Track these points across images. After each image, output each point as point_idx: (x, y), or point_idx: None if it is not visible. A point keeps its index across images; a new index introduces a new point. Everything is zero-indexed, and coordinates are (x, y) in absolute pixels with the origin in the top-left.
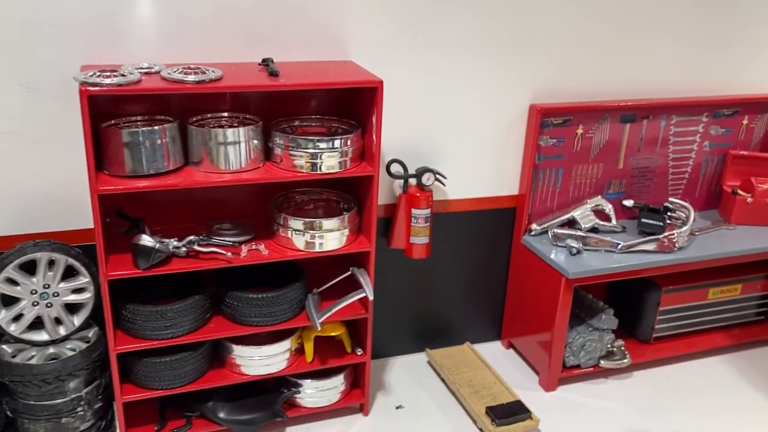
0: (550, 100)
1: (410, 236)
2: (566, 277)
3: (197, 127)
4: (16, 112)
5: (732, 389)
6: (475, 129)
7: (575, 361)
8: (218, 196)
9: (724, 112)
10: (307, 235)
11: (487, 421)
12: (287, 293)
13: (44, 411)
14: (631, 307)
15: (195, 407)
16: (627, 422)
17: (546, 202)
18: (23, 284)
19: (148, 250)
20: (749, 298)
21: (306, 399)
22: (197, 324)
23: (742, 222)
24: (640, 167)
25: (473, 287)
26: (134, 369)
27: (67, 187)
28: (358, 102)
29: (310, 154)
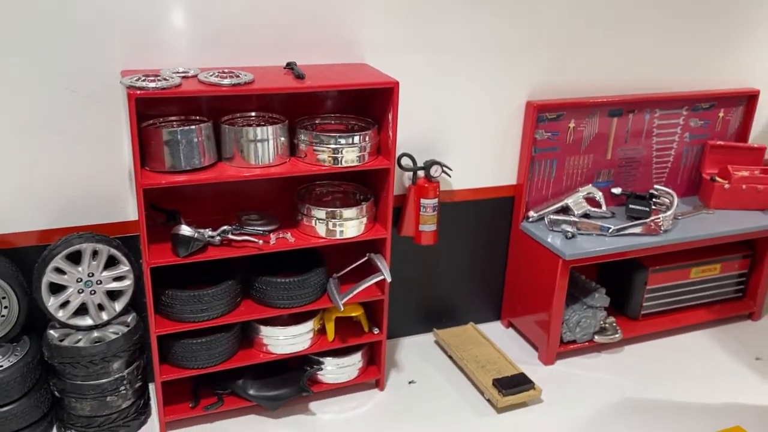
0: (545, 96)
1: (419, 224)
2: (563, 258)
3: (229, 126)
4: (61, 114)
5: (714, 360)
6: (477, 124)
7: (571, 337)
8: (246, 189)
9: (702, 106)
10: (329, 224)
11: (494, 392)
12: (310, 278)
13: (91, 390)
14: (621, 286)
15: (226, 385)
16: (620, 391)
17: (542, 191)
18: (70, 273)
19: (187, 239)
20: (728, 276)
21: (327, 375)
22: (230, 307)
23: (720, 207)
24: (627, 158)
25: (475, 271)
26: (171, 350)
27: (106, 184)
28: (373, 101)
29: (332, 149)
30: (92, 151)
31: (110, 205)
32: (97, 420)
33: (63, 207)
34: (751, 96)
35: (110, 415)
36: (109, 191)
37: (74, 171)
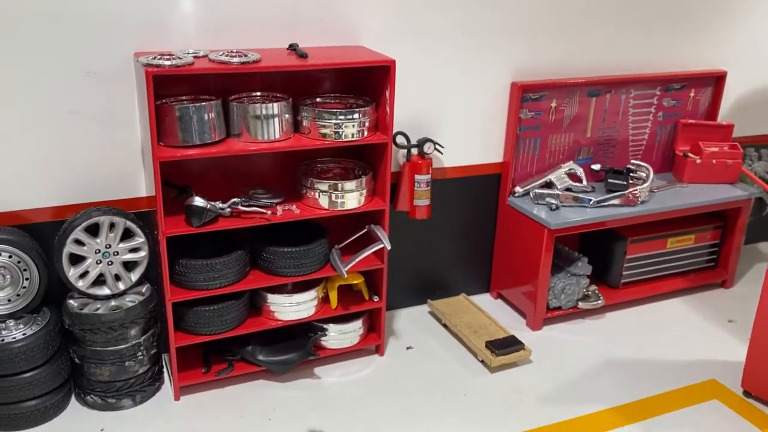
0: (528, 78)
1: (413, 199)
2: (548, 228)
3: (237, 104)
4: (79, 94)
5: (690, 323)
6: (465, 105)
7: (557, 303)
8: (251, 165)
9: (674, 86)
10: (332, 195)
11: (487, 353)
12: (315, 248)
13: (110, 356)
14: (602, 257)
15: (235, 352)
16: (603, 353)
17: (527, 168)
18: (89, 244)
19: (201, 210)
20: (701, 246)
21: (330, 341)
22: (240, 276)
23: (692, 181)
24: (605, 136)
25: (466, 245)
26: (185, 318)
27: (119, 162)
28: (370, 81)
29: (334, 125)
30: (106, 131)
31: (122, 182)
32: (116, 385)
33: (78, 184)
34: (719, 77)
35: (128, 380)
36: (121, 169)
37: (89, 149)
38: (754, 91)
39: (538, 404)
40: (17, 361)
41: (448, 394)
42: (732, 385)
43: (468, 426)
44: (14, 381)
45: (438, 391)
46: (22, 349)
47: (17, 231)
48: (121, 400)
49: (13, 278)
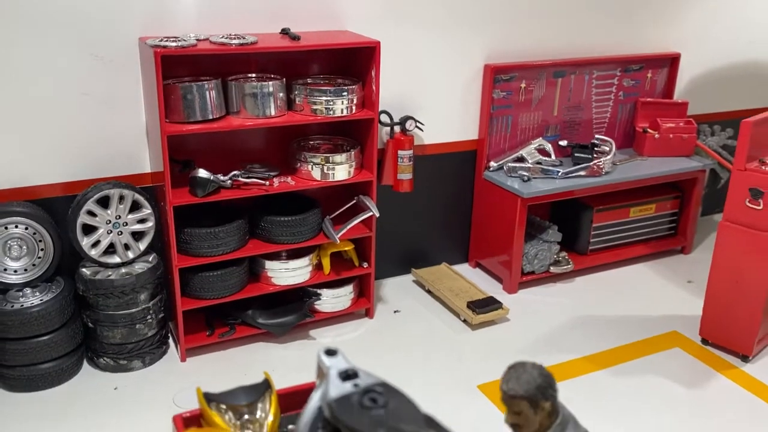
0: (500, 60)
1: (397, 174)
2: (521, 197)
3: (235, 83)
4: (88, 77)
5: (653, 285)
6: (443, 86)
7: (530, 268)
8: (247, 143)
9: (633, 68)
10: (324, 167)
11: (469, 312)
12: (308, 217)
13: (122, 319)
14: (571, 225)
15: (236, 316)
16: (574, 311)
17: (500, 144)
18: (100, 215)
19: (205, 181)
20: (662, 215)
21: (324, 305)
22: (240, 243)
23: (652, 154)
24: (571, 114)
25: (445, 217)
26: (190, 283)
27: (125, 140)
28: (356, 62)
29: (325, 101)
30: (113, 111)
31: (129, 160)
32: (127, 347)
33: (87, 161)
34: (674, 58)
35: (138, 342)
36: (127, 147)
37: (97, 129)
38: (705, 72)
39: (516, 355)
40: (35, 324)
41: (434, 349)
42: (691, 335)
43: (453, 373)
44: (32, 344)
45: (424, 347)
46: (39, 314)
47: (31, 205)
48: (132, 362)
49: (29, 249)
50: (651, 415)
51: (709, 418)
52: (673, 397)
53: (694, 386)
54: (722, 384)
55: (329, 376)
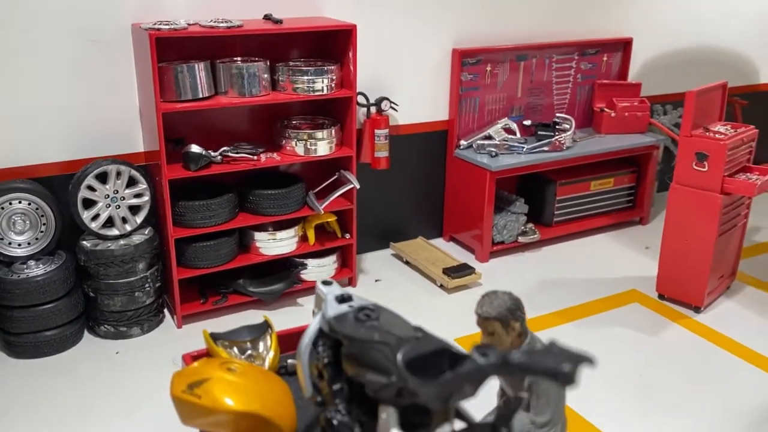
0: (467, 44)
1: (375, 152)
2: (490, 171)
3: (223, 64)
4: (85, 61)
5: (612, 251)
6: (414, 69)
7: (500, 238)
8: (234, 123)
9: (589, 51)
10: (307, 143)
11: (444, 277)
12: (293, 191)
13: (122, 287)
14: (537, 199)
15: (228, 285)
16: (541, 275)
17: (469, 124)
18: (99, 190)
19: (197, 156)
20: (620, 189)
21: (310, 274)
22: (231, 216)
23: (609, 132)
24: (533, 95)
25: (420, 194)
26: (185, 254)
27: (120, 120)
28: (333, 45)
29: (307, 80)
30: (108, 93)
31: (123, 139)
32: (127, 314)
33: (83, 142)
34: (627, 43)
35: (137, 309)
36: (121, 127)
37: (93, 110)
38: (656, 56)
39: None
40: (39, 293)
41: (414, 311)
42: (649, 292)
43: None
44: (37, 311)
45: (405, 310)
46: (43, 282)
47: (33, 182)
48: (131, 329)
49: (31, 223)
50: (614, 360)
51: (667, 361)
52: (634, 344)
53: (653, 334)
54: (677, 332)
55: (327, 300)
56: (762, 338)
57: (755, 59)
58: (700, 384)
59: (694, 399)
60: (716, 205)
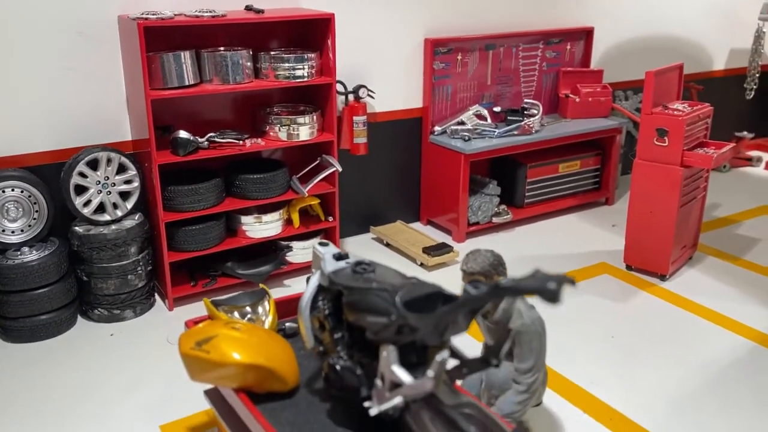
0: (438, 34)
1: (354, 138)
2: (464, 154)
3: (208, 53)
4: (73, 53)
5: (581, 229)
6: (390, 58)
7: (475, 219)
8: (218, 112)
9: (553, 40)
10: (290, 128)
11: (425, 256)
12: (277, 175)
13: (115, 270)
14: (509, 181)
15: (217, 268)
16: (515, 253)
17: (442, 111)
18: (90, 176)
19: (185, 141)
20: (586, 171)
21: (295, 256)
22: (218, 200)
23: (574, 116)
24: (502, 83)
25: (398, 180)
26: (175, 238)
27: (107, 110)
28: (312, 34)
29: (288, 68)
30: (96, 84)
31: (111, 128)
32: (120, 297)
33: (73, 131)
34: (588, 32)
35: (130, 292)
36: (110, 116)
37: (82, 100)
38: (617, 44)
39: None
40: (34, 277)
41: None
42: (617, 264)
43: None
44: (32, 296)
45: None
46: (38, 267)
47: (24, 171)
48: (125, 311)
49: (24, 210)
50: (588, 323)
51: (637, 324)
52: (605, 309)
53: (622, 301)
54: (645, 298)
55: (325, 258)
56: (723, 301)
57: (709, 47)
58: (668, 343)
59: (663, 356)
60: (677, 177)
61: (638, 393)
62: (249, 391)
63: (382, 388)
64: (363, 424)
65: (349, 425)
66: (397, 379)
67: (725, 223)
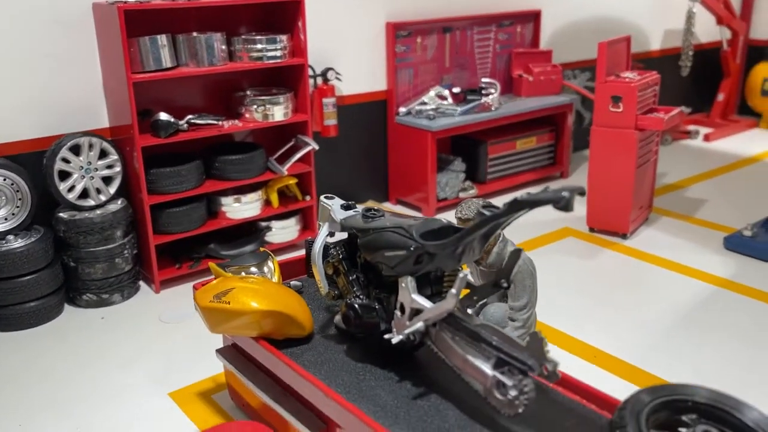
0: (399, 18)
1: (324, 120)
2: (431, 131)
3: (184, 36)
4: (51, 40)
5: None
6: (354, 42)
7: (444, 195)
8: (193, 96)
9: (505, 23)
10: (266, 108)
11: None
12: (255, 156)
13: (102, 254)
14: (471, 158)
15: (200, 250)
16: None
17: (406, 93)
18: (73, 162)
19: (166, 123)
20: (542, 147)
21: (275, 237)
22: (199, 181)
23: (528, 95)
24: (459, 64)
25: (366, 161)
26: (159, 220)
27: (84, 97)
28: (282, 17)
29: (262, 49)
30: (73, 71)
31: (89, 116)
32: (108, 281)
33: (51, 119)
34: (536, 14)
35: (118, 276)
36: (87, 104)
37: (60, 87)
38: (563, 26)
39: None
40: (20, 264)
41: None
42: (580, 228)
43: None
44: (19, 283)
45: None
46: (24, 254)
47: (5, 159)
48: (113, 295)
49: (7, 198)
50: (559, 278)
51: (604, 276)
52: (573, 266)
53: (588, 259)
54: (609, 255)
55: (333, 209)
56: (682, 253)
57: (647, 28)
58: (637, 291)
59: (634, 303)
60: (632, 140)
61: (615, 334)
62: (268, 339)
63: (402, 318)
64: (381, 358)
65: (369, 360)
66: (419, 306)
67: (674, 188)
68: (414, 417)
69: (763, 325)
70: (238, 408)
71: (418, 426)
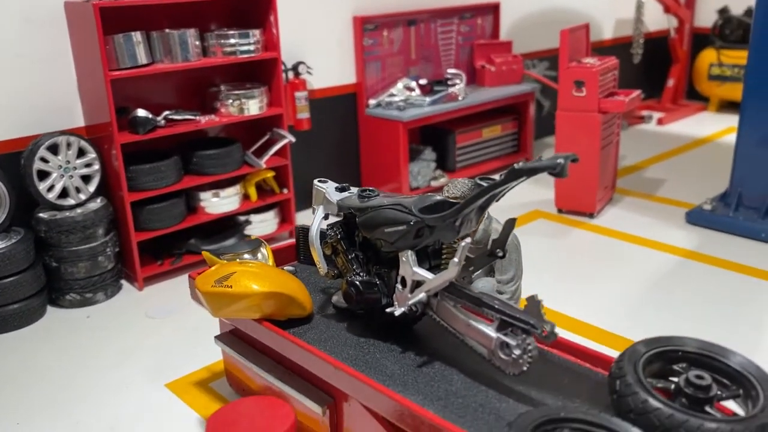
0: (365, 12)
1: (297, 113)
2: (402, 122)
3: (157, 33)
4: (22, 39)
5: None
6: (323, 36)
7: (416, 184)
8: (168, 93)
9: (466, 15)
10: (240, 101)
11: None
12: (232, 150)
13: (85, 253)
14: (441, 148)
15: (181, 246)
16: None
17: (375, 86)
18: (52, 161)
19: (144, 120)
20: (506, 135)
21: (255, 230)
22: (178, 177)
23: (491, 85)
24: (425, 56)
25: (338, 153)
26: (140, 217)
27: (59, 96)
28: (254, 12)
29: (235, 43)
30: (46, 70)
31: (64, 115)
32: (91, 280)
33: (25, 120)
34: (495, 7)
35: (101, 274)
36: (61, 103)
37: (33, 87)
38: (522, 18)
39: None
40: (4, 265)
41: None
42: (549, 210)
43: None
44: (2, 284)
45: None
46: (7, 255)
47: None
48: (96, 294)
49: None
50: (534, 256)
51: (575, 253)
52: (545, 245)
53: (560, 238)
54: (579, 233)
55: (328, 191)
56: (647, 229)
57: (600, 18)
58: (607, 265)
59: (606, 276)
60: (596, 122)
61: (591, 305)
62: (271, 320)
63: (404, 291)
64: (382, 332)
65: (370, 335)
66: (420, 278)
67: (634, 169)
68: (421, 383)
69: (724, 290)
70: (238, 394)
71: (427, 390)
